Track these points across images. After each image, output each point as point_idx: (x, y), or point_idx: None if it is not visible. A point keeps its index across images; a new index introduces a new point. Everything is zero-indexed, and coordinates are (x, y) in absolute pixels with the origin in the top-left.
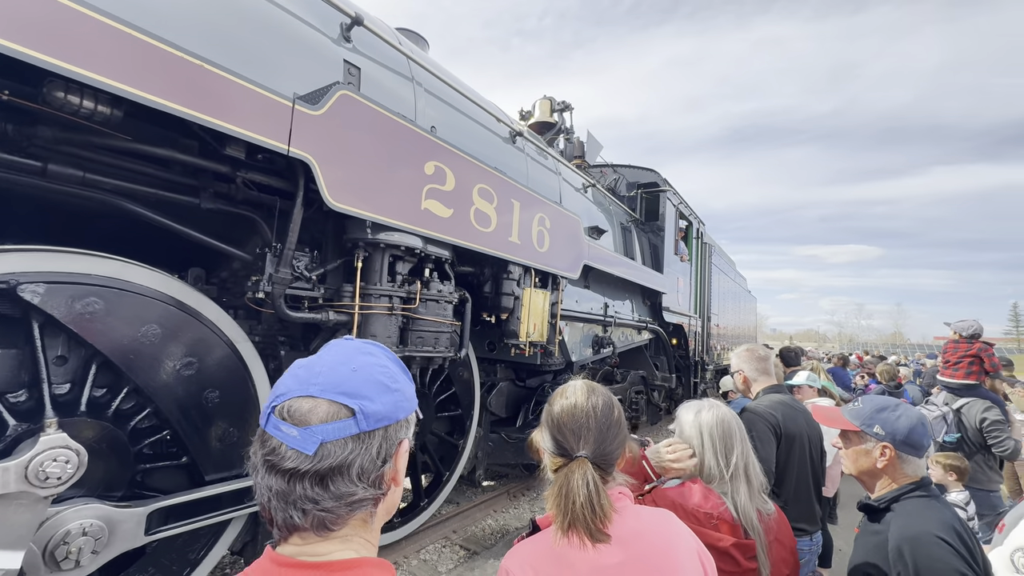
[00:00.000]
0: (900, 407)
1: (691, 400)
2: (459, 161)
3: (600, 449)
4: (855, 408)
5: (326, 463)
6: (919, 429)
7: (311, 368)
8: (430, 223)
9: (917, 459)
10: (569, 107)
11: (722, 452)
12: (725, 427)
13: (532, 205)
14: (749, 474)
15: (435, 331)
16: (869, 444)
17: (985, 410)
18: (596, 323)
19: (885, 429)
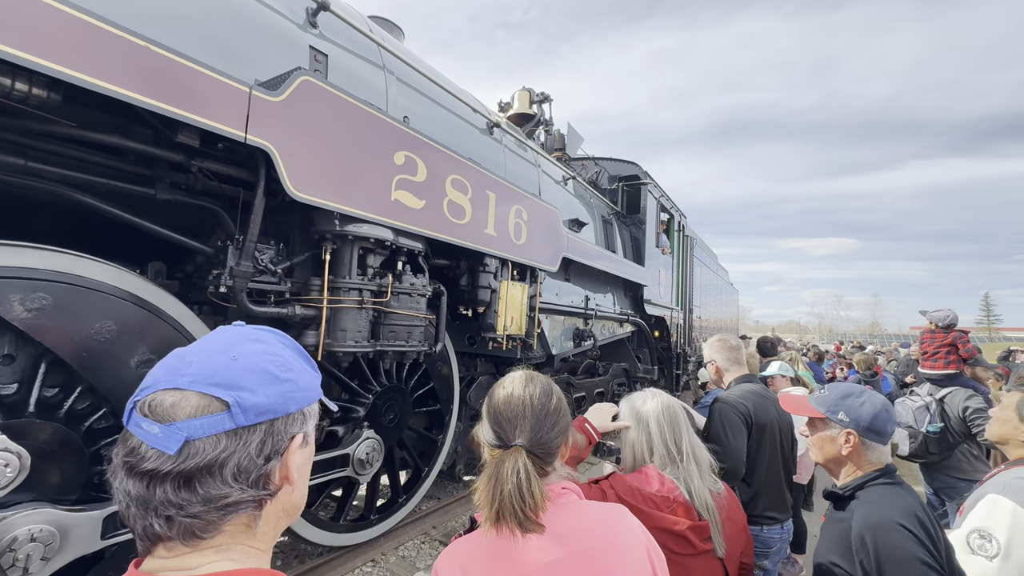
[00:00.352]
0: (864, 394)
1: (633, 392)
2: (431, 151)
3: (536, 437)
4: (820, 395)
5: (192, 463)
6: (883, 415)
7: (183, 357)
8: (401, 214)
9: (881, 446)
10: (548, 98)
11: (671, 439)
12: (672, 414)
13: (509, 197)
14: (698, 456)
15: (408, 325)
16: (834, 431)
17: (967, 399)
18: (577, 316)
19: (849, 415)
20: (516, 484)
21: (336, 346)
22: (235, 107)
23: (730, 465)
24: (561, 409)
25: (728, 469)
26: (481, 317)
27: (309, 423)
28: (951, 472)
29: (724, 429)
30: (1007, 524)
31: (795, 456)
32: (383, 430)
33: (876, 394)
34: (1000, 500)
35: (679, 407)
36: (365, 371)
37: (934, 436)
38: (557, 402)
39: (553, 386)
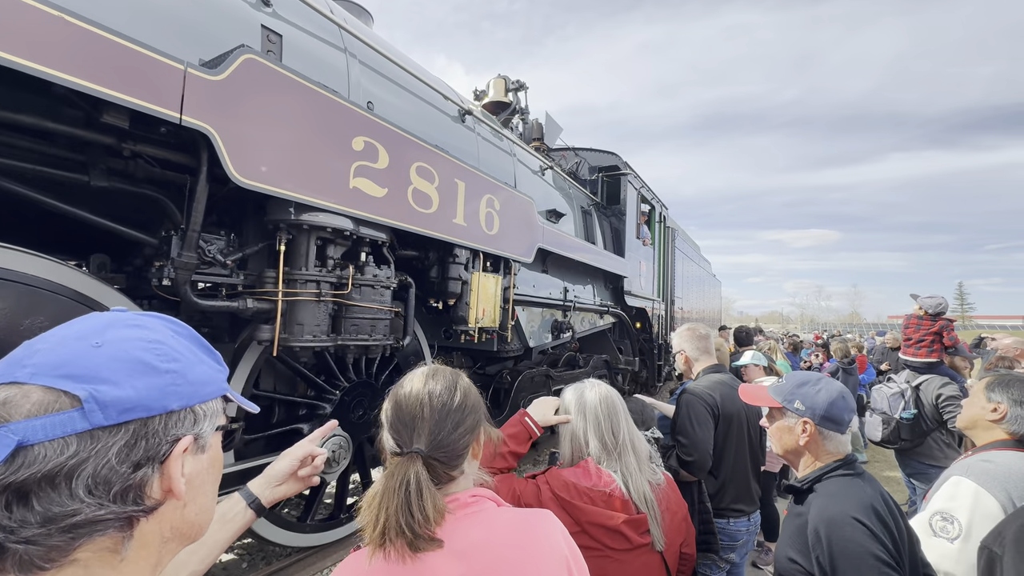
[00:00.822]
0: (821, 381)
1: (573, 384)
2: (393, 137)
3: (437, 440)
4: (778, 384)
5: (27, 473)
6: (839, 403)
7: (31, 345)
8: (361, 203)
9: (839, 435)
10: (524, 86)
11: (609, 430)
12: (610, 404)
13: (480, 186)
14: (636, 447)
15: (371, 318)
16: (791, 420)
17: (941, 386)
18: (555, 308)
19: (805, 404)
20: (404, 499)
21: (293, 341)
22: (168, 86)
23: (696, 458)
24: (467, 405)
25: (694, 462)
26: (452, 309)
27: (205, 424)
28: (923, 459)
29: (691, 421)
30: (968, 505)
31: (764, 447)
32: (352, 427)
33: (833, 382)
34: (963, 482)
35: (617, 397)
36: (332, 366)
37: (907, 423)
38: (462, 398)
39: (460, 379)
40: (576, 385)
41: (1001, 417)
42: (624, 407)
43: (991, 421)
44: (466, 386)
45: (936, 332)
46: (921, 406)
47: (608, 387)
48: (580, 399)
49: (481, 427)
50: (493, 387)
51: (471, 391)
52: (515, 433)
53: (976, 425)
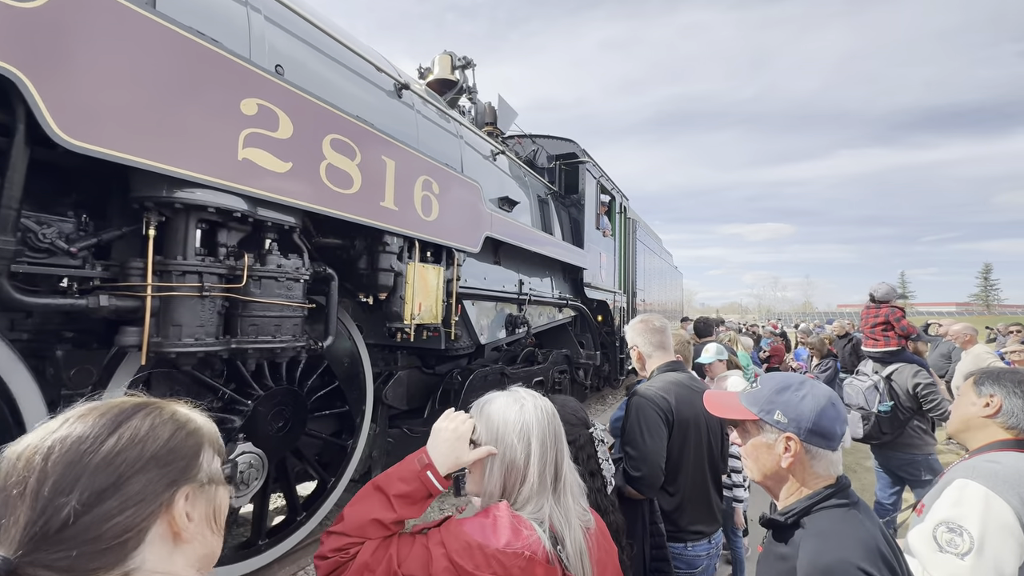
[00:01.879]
0: (805, 385)
1: (496, 392)
2: (298, 103)
3: (43, 530)
4: (752, 391)
5: None
6: (830, 412)
7: None
8: (255, 178)
9: (830, 453)
10: (471, 63)
11: (554, 461)
12: (555, 425)
13: (414, 166)
14: (574, 481)
15: (276, 316)
16: (770, 436)
17: (915, 375)
18: (509, 301)
19: (787, 415)
20: None
21: (168, 345)
22: None
23: (645, 472)
24: (130, 457)
25: (642, 477)
26: (385, 304)
27: None
28: (906, 449)
29: (640, 429)
30: (979, 513)
31: (727, 456)
32: (270, 441)
33: (820, 385)
34: (970, 485)
35: (557, 416)
36: (244, 373)
37: (885, 415)
38: (121, 445)
39: (135, 420)
40: (499, 399)
41: (996, 411)
42: (561, 425)
43: (985, 417)
44: (141, 430)
45: (883, 322)
46: (896, 396)
47: (545, 399)
48: (519, 417)
49: (184, 489)
50: (442, 388)
51: (155, 433)
52: (406, 493)
53: (969, 426)
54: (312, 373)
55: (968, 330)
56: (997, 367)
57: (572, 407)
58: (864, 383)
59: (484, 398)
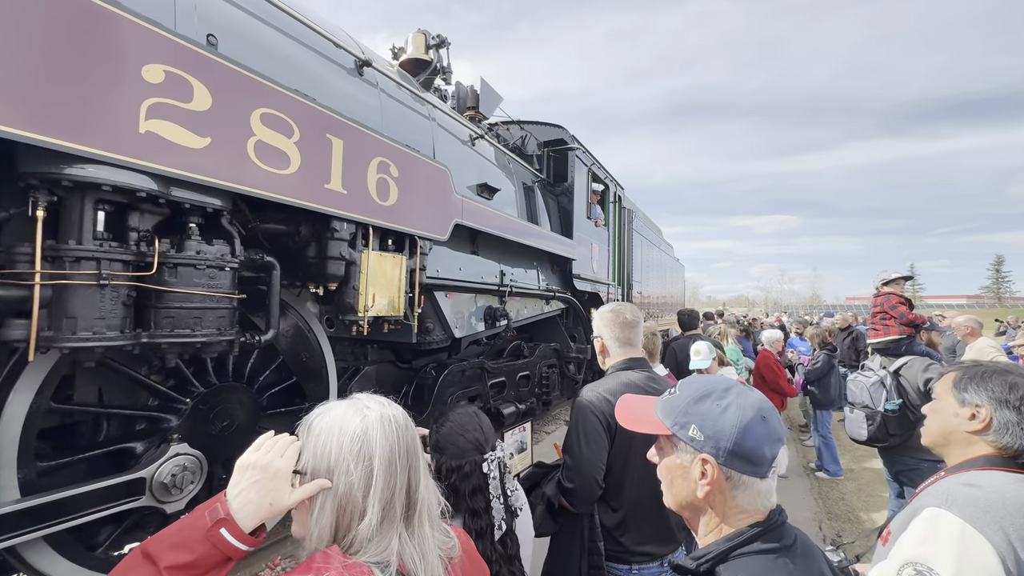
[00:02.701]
0: (732, 391)
1: (333, 402)
2: (216, 71)
3: None
4: (669, 398)
5: None
6: (757, 429)
7: None
8: (164, 155)
9: (757, 481)
10: (446, 42)
11: (404, 485)
12: (408, 441)
13: (367, 146)
14: (430, 504)
15: (196, 308)
16: (684, 456)
17: (926, 369)
18: (488, 293)
19: (704, 430)
20: None
21: (61, 340)
22: None
23: (579, 484)
24: None
25: (575, 489)
26: (336, 295)
27: None
28: (914, 453)
29: (578, 435)
30: (953, 553)
31: None
32: (212, 441)
33: (750, 394)
34: (942, 517)
35: (409, 424)
36: (181, 367)
37: (893, 415)
38: None
39: None
40: (340, 408)
41: (984, 426)
42: (417, 438)
43: (970, 433)
44: None
45: (880, 311)
46: (905, 393)
47: (394, 408)
48: (358, 434)
49: None
50: (416, 383)
51: None
52: (185, 564)
53: (949, 440)
54: (265, 368)
55: (971, 322)
56: (981, 364)
57: (468, 424)
58: (869, 378)
59: (316, 411)
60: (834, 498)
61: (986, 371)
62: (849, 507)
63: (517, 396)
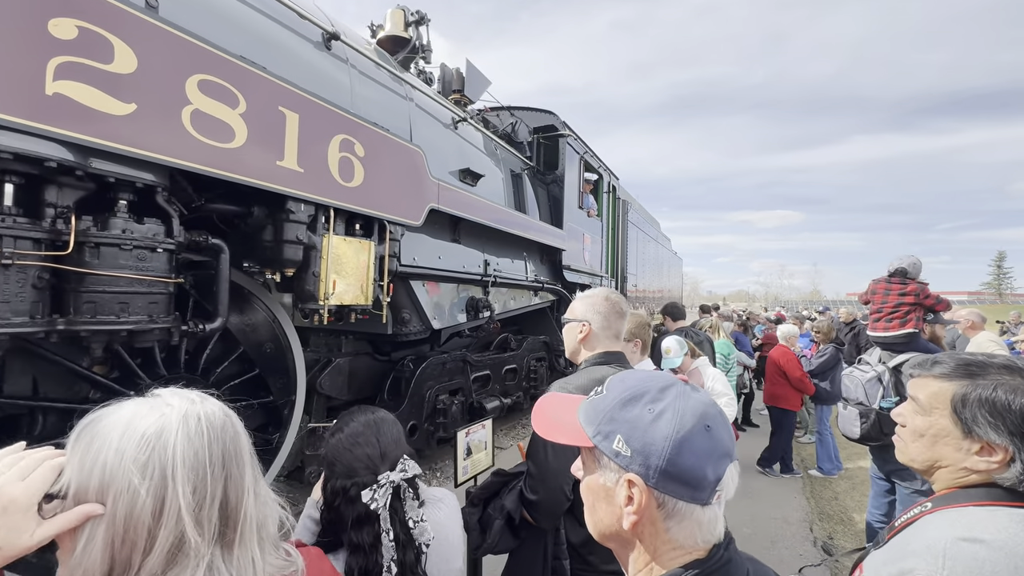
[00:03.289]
0: (669, 392)
1: (122, 401)
2: (143, 31)
3: None
4: (593, 400)
5: None
6: (698, 442)
7: None
8: (78, 121)
9: (697, 508)
10: (425, 19)
11: (214, 502)
12: (226, 445)
13: (328, 121)
14: (263, 518)
15: (123, 292)
16: (608, 475)
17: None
18: (471, 283)
19: (632, 443)
20: None
21: None
22: None
23: (543, 496)
24: None
25: (538, 502)
26: (295, 282)
27: None
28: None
29: (543, 441)
30: None
31: None
32: None
33: (693, 396)
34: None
35: (236, 424)
36: (125, 358)
37: (888, 413)
38: None
39: None
40: (130, 407)
41: (1002, 464)
42: (247, 440)
43: (978, 471)
44: None
45: (912, 300)
46: (903, 390)
47: (213, 402)
48: (148, 439)
49: None
50: (393, 376)
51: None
52: None
53: (941, 466)
54: (224, 359)
55: (972, 315)
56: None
57: (361, 435)
58: (865, 374)
59: (93, 413)
60: (827, 498)
61: (1006, 392)
62: (842, 507)
63: (503, 390)
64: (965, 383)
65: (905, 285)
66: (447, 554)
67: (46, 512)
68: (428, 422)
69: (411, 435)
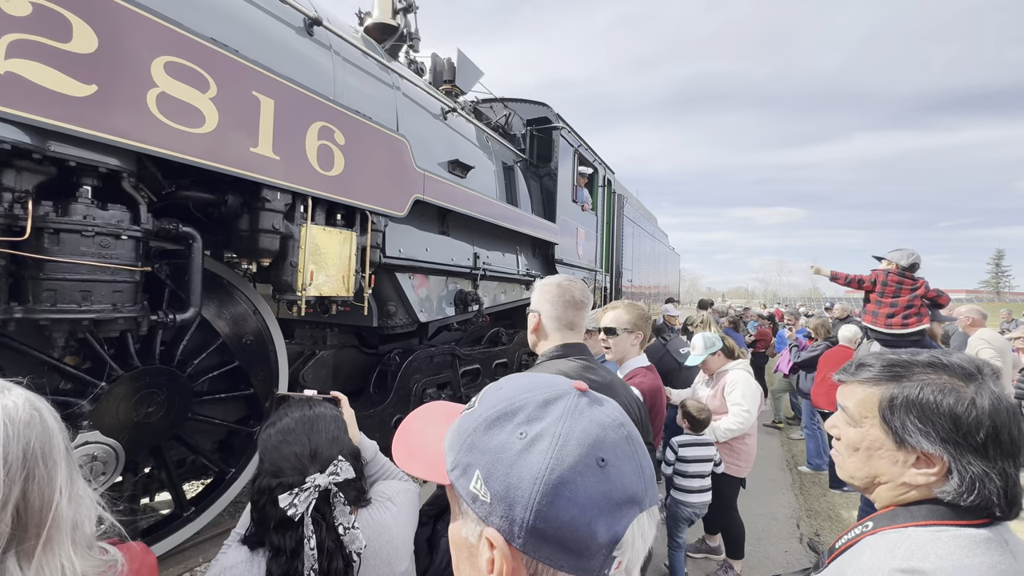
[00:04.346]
0: (552, 409)
1: None
2: (99, 6)
3: None
4: (465, 414)
5: None
6: (585, 484)
7: None
8: (32, 102)
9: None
10: (413, 7)
11: (9, 505)
12: (33, 443)
13: (306, 108)
14: (77, 516)
15: (85, 280)
16: (470, 526)
17: None
18: (459, 276)
19: (492, 484)
20: None
21: None
22: None
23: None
24: None
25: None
26: (272, 272)
27: None
28: None
29: None
30: None
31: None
32: (133, 429)
33: (590, 411)
34: None
35: (48, 415)
36: (96, 348)
37: None
38: None
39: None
40: None
41: (939, 477)
42: (62, 435)
43: (917, 486)
44: None
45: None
46: None
47: (19, 392)
48: None
49: None
50: (379, 370)
51: None
52: None
53: (880, 483)
54: (202, 350)
55: (973, 312)
56: (917, 378)
57: (293, 432)
58: None
59: None
60: (816, 494)
61: (923, 390)
62: (830, 504)
63: None
64: (892, 386)
65: (915, 281)
66: (388, 557)
67: None
68: None
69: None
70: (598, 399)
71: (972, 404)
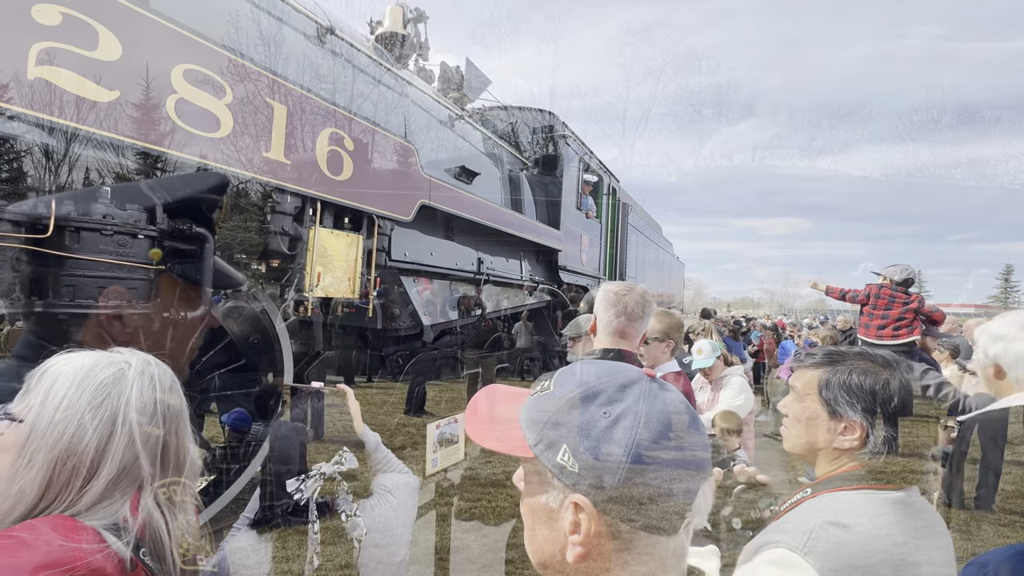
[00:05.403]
0: (630, 391)
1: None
2: (124, 16)
3: None
4: (540, 395)
5: None
6: (662, 455)
7: None
8: (60, 106)
9: (661, 539)
10: (424, 16)
11: (155, 449)
12: (174, 405)
13: (316, 115)
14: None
15: (102, 277)
16: (553, 494)
17: (923, 374)
18: (463, 280)
19: (580, 457)
20: None
21: None
22: None
23: None
24: None
25: None
26: (280, 272)
27: None
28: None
29: None
30: None
31: None
32: None
33: (662, 393)
34: (795, 568)
35: (179, 386)
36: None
37: None
38: None
39: None
40: (81, 358)
41: (860, 443)
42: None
43: (842, 450)
44: None
45: (915, 309)
46: None
47: (165, 367)
48: (107, 385)
49: None
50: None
51: None
52: None
53: (815, 452)
54: (210, 348)
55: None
56: (840, 351)
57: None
58: None
59: (60, 357)
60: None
61: (855, 370)
62: None
63: None
64: (829, 370)
65: (909, 296)
66: (387, 545)
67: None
68: (416, 417)
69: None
70: (665, 385)
71: (886, 384)
